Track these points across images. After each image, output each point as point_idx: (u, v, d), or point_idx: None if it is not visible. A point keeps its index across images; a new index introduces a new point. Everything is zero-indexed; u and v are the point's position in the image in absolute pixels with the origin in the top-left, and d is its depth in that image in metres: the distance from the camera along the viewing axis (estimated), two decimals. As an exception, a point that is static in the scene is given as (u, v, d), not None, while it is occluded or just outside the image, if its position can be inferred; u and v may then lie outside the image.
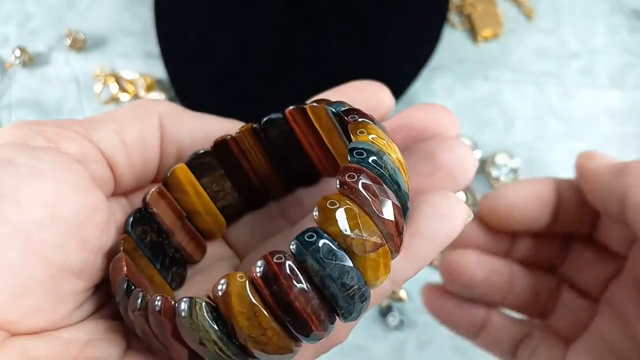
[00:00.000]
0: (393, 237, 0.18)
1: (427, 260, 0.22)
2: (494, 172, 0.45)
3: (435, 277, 0.42)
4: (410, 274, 0.21)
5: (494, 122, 0.47)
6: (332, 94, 0.24)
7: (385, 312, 0.42)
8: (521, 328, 0.32)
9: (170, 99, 0.48)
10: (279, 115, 0.23)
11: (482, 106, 0.48)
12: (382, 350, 0.41)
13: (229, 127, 0.24)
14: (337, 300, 0.18)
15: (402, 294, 0.42)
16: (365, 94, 0.24)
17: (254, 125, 0.23)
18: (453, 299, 0.33)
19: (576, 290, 0.31)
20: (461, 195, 0.45)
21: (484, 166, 0.46)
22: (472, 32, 0.51)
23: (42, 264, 0.19)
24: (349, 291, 0.17)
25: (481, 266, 0.31)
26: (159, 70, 0.49)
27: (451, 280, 0.32)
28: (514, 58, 0.50)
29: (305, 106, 0.22)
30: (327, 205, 0.18)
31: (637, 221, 0.25)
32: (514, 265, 0.32)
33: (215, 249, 0.25)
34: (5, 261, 0.18)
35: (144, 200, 0.23)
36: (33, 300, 0.19)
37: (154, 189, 0.23)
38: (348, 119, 0.20)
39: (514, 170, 0.45)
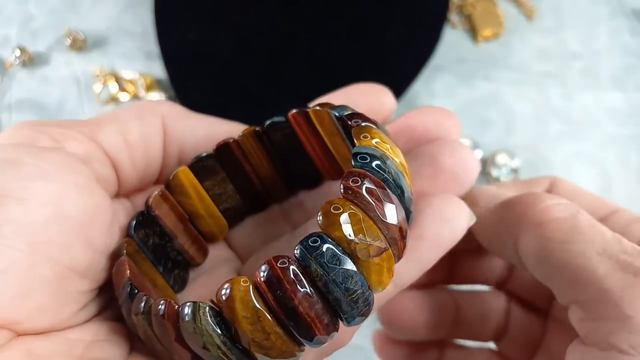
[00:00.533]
0: (397, 241, 0.18)
1: (430, 263, 0.22)
2: (494, 172, 0.45)
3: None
4: (413, 278, 0.22)
5: (494, 122, 0.47)
6: (335, 97, 0.24)
7: (385, 312, 0.42)
8: (478, 358, 0.30)
9: (170, 99, 0.48)
10: (281, 118, 0.23)
11: (482, 106, 0.48)
12: (383, 350, 0.41)
13: (232, 129, 0.24)
14: (341, 304, 0.18)
15: (403, 294, 0.42)
16: (367, 97, 0.24)
17: (257, 129, 0.23)
18: (402, 345, 0.30)
19: (526, 307, 0.29)
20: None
21: (484, 166, 0.46)
22: (473, 32, 0.51)
23: (47, 264, 0.19)
24: (353, 296, 0.17)
25: (420, 306, 0.28)
26: (159, 71, 0.49)
27: (392, 329, 0.29)
28: (514, 58, 0.50)
29: (308, 110, 0.22)
30: (331, 209, 0.18)
31: (538, 274, 0.22)
32: (457, 291, 0.29)
33: (217, 252, 0.25)
34: (10, 261, 0.18)
35: (146, 203, 0.23)
36: (38, 300, 0.19)
37: (156, 192, 0.23)
38: (351, 123, 0.20)
39: (515, 170, 0.45)
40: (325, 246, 0.17)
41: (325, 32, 0.48)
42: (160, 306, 0.18)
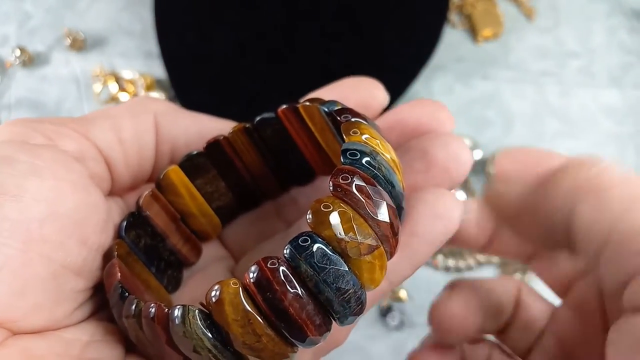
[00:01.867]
0: (388, 238, 0.18)
1: (424, 259, 0.21)
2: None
3: (432, 275, 0.42)
4: (407, 274, 0.21)
5: (493, 122, 0.47)
6: (326, 92, 0.24)
7: (385, 312, 0.41)
8: (484, 350, 0.28)
9: (170, 99, 0.48)
10: (271, 114, 0.23)
11: (481, 106, 0.48)
12: (382, 350, 0.41)
13: (224, 127, 0.24)
14: (333, 304, 0.17)
15: (402, 294, 0.42)
16: (358, 91, 0.24)
17: (247, 125, 0.23)
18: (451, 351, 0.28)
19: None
20: (461, 196, 0.45)
21: (484, 166, 0.45)
22: (472, 31, 0.51)
23: (41, 262, 0.19)
24: (345, 295, 0.17)
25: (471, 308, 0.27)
26: (159, 70, 0.49)
27: (445, 336, 0.27)
28: (513, 57, 0.50)
29: (297, 105, 0.22)
30: (321, 208, 0.17)
31: (590, 251, 0.20)
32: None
33: (211, 251, 0.25)
34: (4, 258, 0.18)
35: (137, 203, 0.23)
36: (33, 298, 0.19)
37: (146, 192, 0.23)
38: (341, 118, 0.20)
39: (514, 170, 0.45)
40: (315, 246, 0.17)
41: (325, 32, 0.48)
42: (150, 309, 0.18)
